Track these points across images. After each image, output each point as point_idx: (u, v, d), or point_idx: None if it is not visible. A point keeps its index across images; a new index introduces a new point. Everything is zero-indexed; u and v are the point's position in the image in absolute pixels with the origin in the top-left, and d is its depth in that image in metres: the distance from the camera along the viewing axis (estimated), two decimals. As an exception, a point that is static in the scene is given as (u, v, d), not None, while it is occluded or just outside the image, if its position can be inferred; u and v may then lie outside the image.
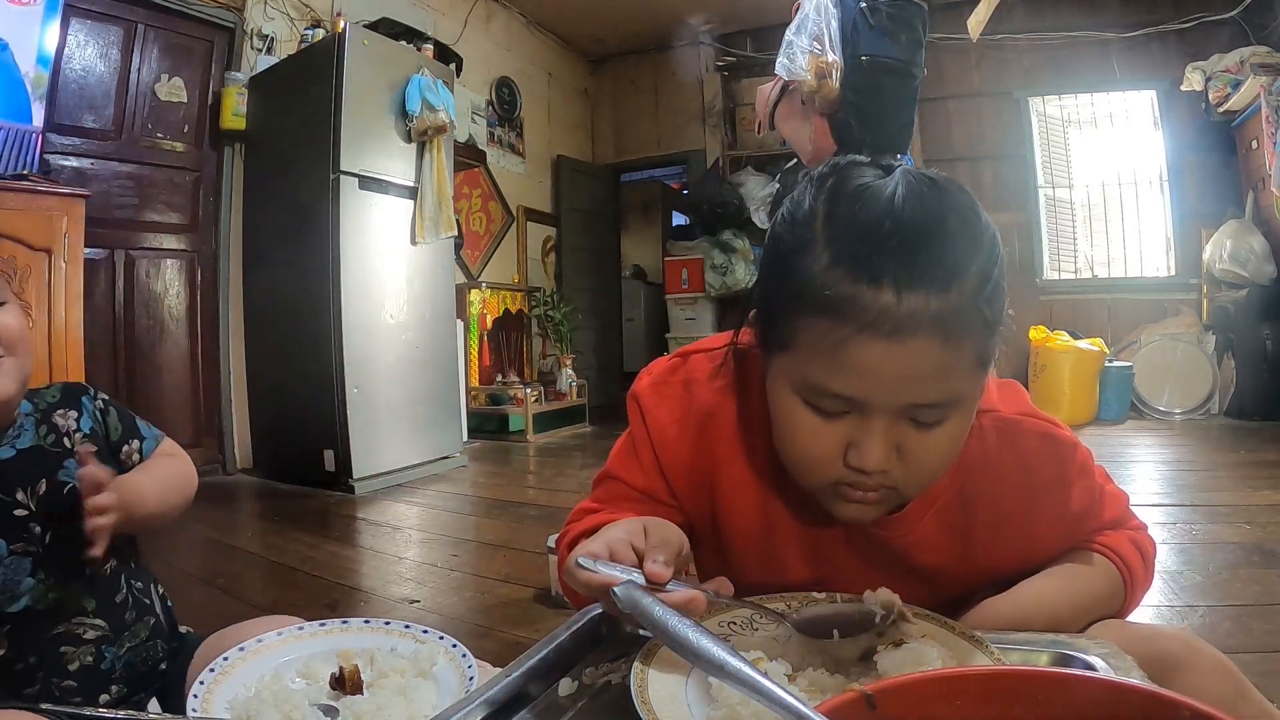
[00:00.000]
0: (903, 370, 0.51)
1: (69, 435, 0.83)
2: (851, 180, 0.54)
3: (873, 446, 0.53)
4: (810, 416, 0.55)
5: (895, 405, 0.53)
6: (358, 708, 0.56)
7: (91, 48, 3.05)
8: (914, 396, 0.52)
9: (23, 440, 0.79)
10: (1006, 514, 0.64)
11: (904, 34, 2.28)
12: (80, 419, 0.84)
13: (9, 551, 0.72)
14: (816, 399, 0.54)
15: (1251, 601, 1.64)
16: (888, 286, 0.49)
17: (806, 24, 2.26)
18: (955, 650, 0.50)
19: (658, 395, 0.69)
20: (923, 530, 0.65)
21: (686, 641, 0.44)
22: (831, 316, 0.51)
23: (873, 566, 0.67)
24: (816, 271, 0.52)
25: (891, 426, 0.53)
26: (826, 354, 0.52)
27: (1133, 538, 0.69)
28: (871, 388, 0.52)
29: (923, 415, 0.53)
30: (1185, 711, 0.29)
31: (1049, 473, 0.64)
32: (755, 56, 5.64)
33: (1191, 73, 4.43)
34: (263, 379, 3.50)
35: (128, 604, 0.81)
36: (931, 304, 0.49)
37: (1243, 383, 4.30)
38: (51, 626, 0.74)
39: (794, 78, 2.28)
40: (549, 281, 5.86)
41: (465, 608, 1.86)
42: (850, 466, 0.55)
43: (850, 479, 0.56)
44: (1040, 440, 0.65)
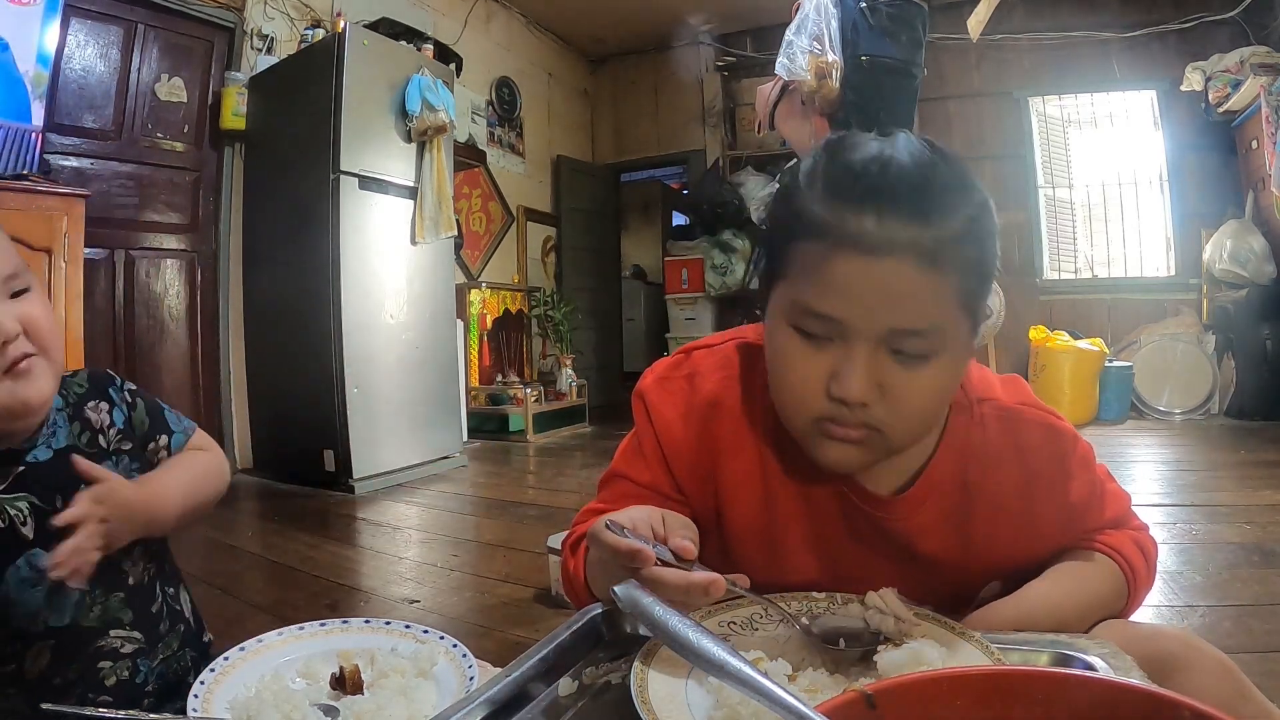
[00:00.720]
0: (879, 288, 0.54)
1: (104, 432, 0.77)
2: (852, 137, 0.60)
3: (853, 374, 0.55)
4: (798, 345, 0.58)
5: (874, 328, 0.55)
6: (358, 708, 0.56)
7: (91, 48, 3.05)
8: (892, 320, 0.54)
9: (58, 440, 0.74)
10: (1006, 502, 0.65)
11: (904, 34, 2.28)
12: (112, 411, 0.79)
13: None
14: (804, 322, 0.57)
15: (1251, 601, 1.64)
16: (869, 211, 0.53)
17: (806, 24, 2.26)
18: (955, 650, 0.50)
19: (662, 390, 0.70)
20: (925, 516, 0.65)
21: (686, 641, 0.44)
22: (818, 238, 0.55)
23: (875, 556, 0.67)
24: (810, 202, 0.57)
25: (874, 358, 0.55)
26: (813, 272, 0.56)
27: (1135, 538, 0.69)
28: (851, 306, 0.55)
29: (904, 345, 0.55)
30: (1185, 711, 0.29)
31: (1049, 462, 0.65)
32: (755, 56, 5.64)
33: (1191, 73, 4.43)
34: (263, 379, 3.50)
35: (162, 613, 0.78)
36: (909, 230, 0.53)
37: (1243, 383, 4.30)
38: (92, 642, 0.71)
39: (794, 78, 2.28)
40: (549, 281, 5.86)
41: (465, 608, 1.86)
42: (833, 398, 0.56)
43: (832, 412, 0.57)
44: (1041, 430, 0.65)
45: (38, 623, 0.68)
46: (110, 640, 0.72)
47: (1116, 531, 0.69)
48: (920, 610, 0.56)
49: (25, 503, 0.69)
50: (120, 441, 0.78)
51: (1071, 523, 0.67)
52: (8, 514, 0.67)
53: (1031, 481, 0.65)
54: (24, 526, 0.68)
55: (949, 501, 0.65)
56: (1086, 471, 0.67)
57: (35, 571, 0.67)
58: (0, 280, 0.68)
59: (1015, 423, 0.65)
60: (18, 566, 0.67)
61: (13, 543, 0.67)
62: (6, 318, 0.66)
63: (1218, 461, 3.28)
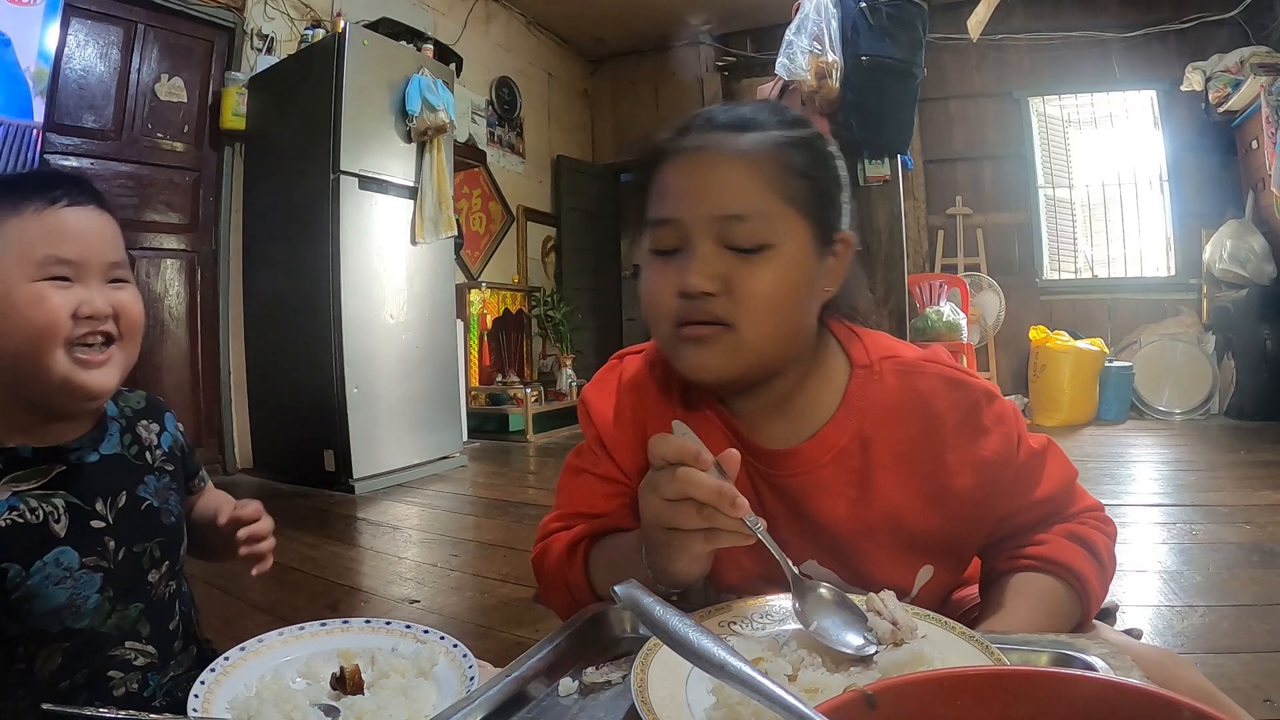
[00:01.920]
0: (700, 178, 0.62)
1: (151, 449, 0.80)
2: None
3: (693, 266, 0.60)
4: (655, 263, 0.64)
5: (703, 219, 0.61)
6: (358, 707, 0.56)
7: (91, 47, 3.05)
8: (716, 206, 0.61)
9: (107, 446, 0.75)
10: (908, 458, 0.65)
11: (904, 34, 2.28)
12: (162, 435, 0.82)
13: (80, 564, 0.69)
14: (655, 239, 0.64)
15: (1251, 601, 1.64)
16: (693, 129, 0.65)
17: (806, 24, 2.26)
18: (955, 650, 0.50)
19: (597, 390, 0.77)
20: (824, 474, 0.66)
21: (686, 641, 0.44)
22: (656, 164, 0.65)
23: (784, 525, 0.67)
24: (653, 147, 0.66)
25: (713, 253, 0.61)
26: (653, 192, 0.65)
27: (1077, 532, 0.66)
28: (680, 202, 0.62)
29: (736, 235, 0.60)
30: (1185, 711, 0.29)
31: (953, 414, 0.65)
32: (755, 56, 5.64)
33: (1191, 73, 4.43)
34: (263, 379, 3.50)
35: (178, 631, 0.79)
36: (726, 138, 0.63)
37: (1243, 383, 4.30)
38: (106, 649, 0.71)
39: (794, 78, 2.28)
40: (549, 281, 5.86)
41: (465, 608, 1.86)
42: (681, 295, 0.61)
43: (683, 310, 0.61)
44: (943, 383, 0.66)
45: (57, 622, 0.68)
46: (124, 651, 0.72)
47: (1055, 532, 0.66)
48: (920, 610, 0.56)
49: (61, 500, 0.69)
50: (164, 462, 0.81)
51: (993, 487, 0.64)
52: (42, 510, 0.68)
53: (933, 434, 0.64)
54: (56, 524, 0.68)
55: (850, 460, 0.65)
56: (1004, 427, 0.65)
57: (62, 570, 0.68)
58: (104, 266, 0.70)
59: (915, 376, 0.66)
60: (45, 563, 0.67)
61: (44, 538, 0.68)
62: (101, 298, 0.69)
63: (1217, 461, 3.28)
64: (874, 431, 0.65)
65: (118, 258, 0.72)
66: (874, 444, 0.65)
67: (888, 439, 0.65)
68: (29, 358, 0.66)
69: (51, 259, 0.66)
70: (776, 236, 0.61)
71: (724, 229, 0.60)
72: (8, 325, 0.65)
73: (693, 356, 0.63)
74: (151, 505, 0.77)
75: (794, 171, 0.62)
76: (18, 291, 0.65)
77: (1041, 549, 0.65)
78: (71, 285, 0.67)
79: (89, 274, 0.69)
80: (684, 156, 0.63)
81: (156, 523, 0.77)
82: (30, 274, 0.66)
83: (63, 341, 0.66)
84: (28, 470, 0.69)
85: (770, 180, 0.61)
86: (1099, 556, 0.65)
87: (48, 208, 0.67)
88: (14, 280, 0.65)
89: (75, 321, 0.67)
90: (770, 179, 0.61)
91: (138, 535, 0.74)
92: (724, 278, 0.60)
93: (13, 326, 0.65)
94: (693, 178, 0.62)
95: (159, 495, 0.78)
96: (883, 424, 0.65)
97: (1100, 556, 0.65)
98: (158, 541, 0.76)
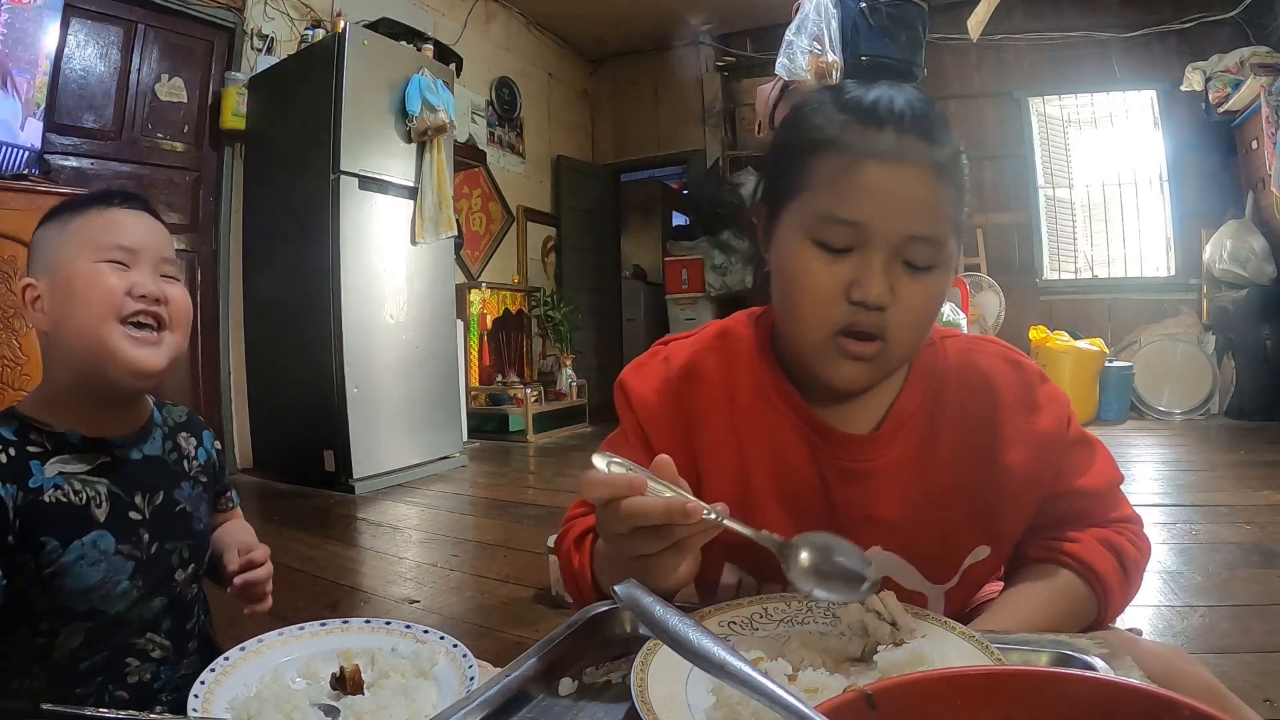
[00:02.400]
0: (901, 193, 0.58)
1: (188, 459, 0.86)
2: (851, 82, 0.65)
3: (874, 279, 0.58)
4: (818, 257, 0.60)
5: (893, 234, 0.59)
6: (358, 707, 0.56)
7: (91, 48, 3.05)
8: (909, 225, 0.58)
9: (150, 447, 0.81)
10: (966, 424, 0.66)
11: (904, 34, 2.28)
12: (199, 450, 0.88)
13: (115, 550, 0.73)
14: (826, 231, 0.60)
15: (1251, 601, 1.64)
16: (889, 127, 0.59)
17: (806, 24, 2.26)
18: (955, 650, 0.50)
19: (639, 374, 0.73)
20: (894, 453, 0.66)
21: (686, 641, 0.44)
22: (843, 150, 0.60)
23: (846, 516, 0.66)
24: (832, 122, 0.61)
25: (889, 265, 0.59)
26: (837, 182, 0.60)
27: (1111, 539, 0.66)
28: (875, 210, 0.59)
29: (915, 254, 0.59)
30: (1185, 711, 0.29)
31: (1012, 391, 0.66)
32: (755, 56, 5.64)
33: (1191, 73, 4.43)
34: (263, 379, 3.50)
35: (194, 632, 0.83)
36: (921, 146, 0.59)
37: (1243, 383, 4.30)
38: (127, 636, 0.75)
39: (794, 78, 2.28)
40: (549, 281, 5.86)
41: (465, 608, 1.86)
42: (853, 302, 0.59)
43: (851, 318, 0.60)
44: (1004, 362, 0.68)
45: (85, 601, 0.71)
46: (144, 642, 0.76)
47: (1089, 533, 0.66)
48: (920, 610, 0.56)
49: (105, 487, 0.74)
50: (199, 473, 0.86)
51: (1043, 463, 0.65)
52: (86, 494, 0.73)
53: (992, 408, 0.66)
54: (98, 508, 0.73)
55: (917, 436, 0.66)
56: (1055, 407, 0.66)
57: (99, 552, 0.72)
58: (157, 259, 0.78)
59: (976, 353, 0.69)
60: (83, 543, 0.71)
61: (85, 520, 0.72)
62: (153, 284, 0.76)
63: (1217, 461, 3.28)
64: (939, 403, 0.67)
65: (169, 255, 0.80)
66: (940, 414, 0.67)
67: (951, 410, 0.67)
68: (89, 330, 0.72)
69: (111, 245, 0.75)
70: (945, 258, 0.61)
71: (909, 246, 0.59)
72: (73, 300, 0.73)
73: (849, 370, 0.61)
74: (185, 510, 0.82)
75: (960, 191, 0.62)
76: (81, 271, 0.73)
77: (1074, 546, 0.65)
78: (128, 270, 0.75)
79: (143, 262, 0.76)
80: (886, 154, 0.59)
81: (188, 526, 0.82)
82: (92, 257, 0.74)
83: (117, 316, 0.73)
84: (75, 455, 0.74)
85: (951, 202, 0.61)
86: (1127, 569, 0.65)
87: (108, 208, 0.77)
88: (79, 264, 0.74)
89: (130, 300, 0.74)
90: (950, 201, 0.61)
91: (170, 534, 0.79)
92: (895, 291, 0.59)
93: (76, 300, 0.73)
94: (893, 186, 0.59)
95: (192, 502, 0.83)
96: (947, 395, 0.67)
97: (1129, 570, 0.65)
98: (187, 544, 0.81)
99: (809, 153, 0.62)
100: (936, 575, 0.68)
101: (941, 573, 0.68)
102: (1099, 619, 0.64)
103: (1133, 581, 0.66)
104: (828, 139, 0.61)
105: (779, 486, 0.68)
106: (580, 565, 0.68)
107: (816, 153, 0.61)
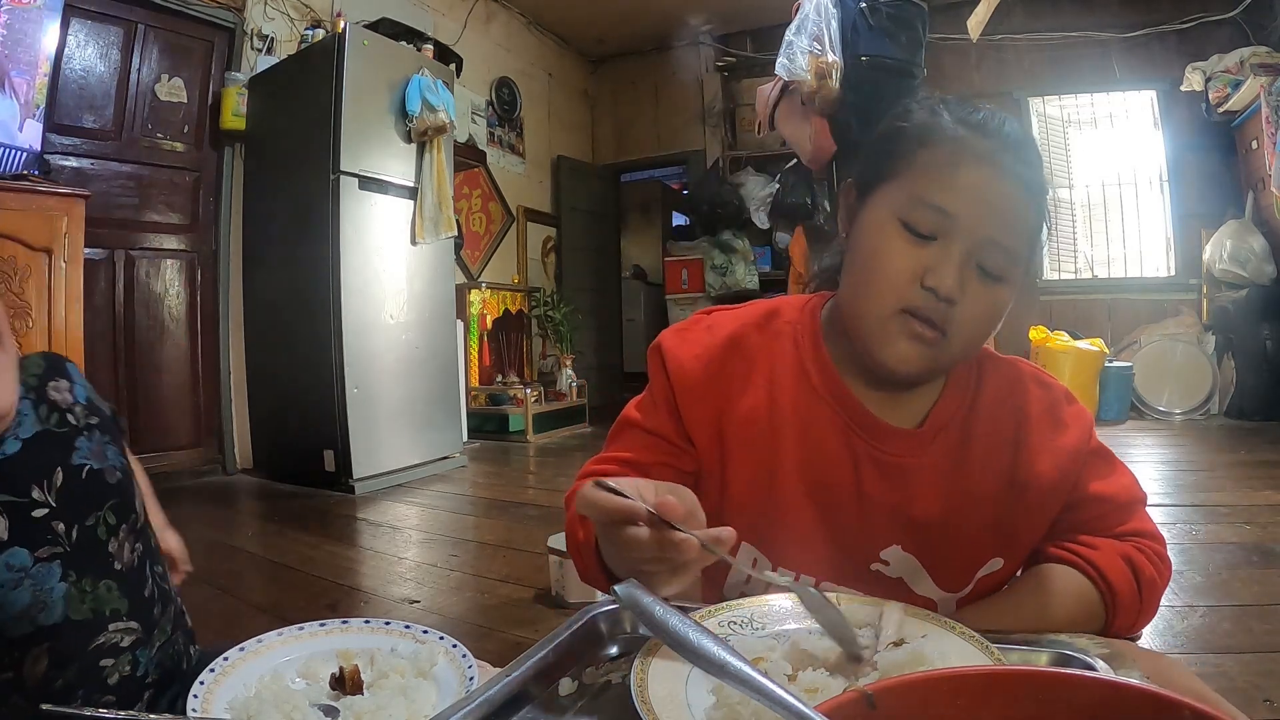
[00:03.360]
0: (990, 197, 0.61)
1: (71, 410, 0.73)
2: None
3: (950, 269, 0.61)
4: (903, 236, 0.63)
5: (977, 232, 0.61)
6: (358, 708, 0.56)
7: (91, 48, 3.05)
8: (993, 228, 0.61)
9: (25, 428, 0.69)
10: (996, 438, 0.68)
11: (904, 34, 2.28)
12: (74, 389, 0.75)
13: (34, 560, 0.65)
14: (916, 214, 0.62)
15: (1251, 601, 1.64)
16: (995, 140, 0.63)
17: (806, 24, 2.26)
18: (955, 650, 0.50)
19: (680, 338, 0.73)
20: (929, 455, 0.67)
21: (686, 641, 0.44)
22: (951, 145, 0.63)
23: (874, 509, 0.67)
24: (942, 123, 0.65)
25: (965, 262, 0.61)
26: (940, 170, 0.63)
27: (1129, 554, 0.65)
28: (968, 204, 0.61)
29: (990, 259, 0.61)
30: (1185, 711, 0.29)
31: (1038, 407, 0.69)
32: (755, 56, 5.64)
33: (1191, 73, 4.43)
34: (263, 379, 3.50)
35: (154, 596, 0.74)
36: (1019, 165, 0.62)
37: (1243, 383, 4.30)
38: (91, 638, 0.68)
39: (794, 78, 2.28)
40: (549, 281, 5.86)
41: (465, 608, 1.86)
42: (926, 287, 0.61)
43: (921, 302, 0.61)
44: (1033, 381, 0.71)
45: (28, 623, 0.65)
46: (110, 635, 0.70)
47: (1111, 544, 0.66)
48: (920, 610, 0.56)
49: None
50: (88, 417, 0.74)
51: (1065, 477, 0.67)
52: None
53: (1021, 424, 0.68)
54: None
55: (950, 442, 0.68)
56: (1080, 424, 0.68)
57: (15, 573, 0.64)
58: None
59: (1008, 369, 0.72)
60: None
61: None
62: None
63: (1218, 461, 3.28)
64: (973, 415, 0.69)
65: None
66: (973, 427, 0.68)
67: (984, 423, 0.68)
68: None
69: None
70: (1014, 273, 0.63)
71: (985, 248, 0.61)
72: None
73: (906, 348, 0.63)
74: (92, 468, 0.72)
75: (1039, 219, 0.65)
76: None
77: (1090, 552, 0.65)
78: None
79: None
80: (988, 159, 0.62)
81: (102, 485, 0.72)
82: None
83: None
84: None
85: (1032, 223, 0.64)
86: (1142, 589, 0.64)
87: None
88: None
89: None
90: (1031, 222, 0.63)
91: (86, 507, 0.70)
92: (965, 289, 0.61)
93: None
94: (988, 188, 0.62)
95: (95, 455, 0.73)
96: (980, 408, 0.69)
97: (1143, 590, 0.65)
98: (110, 506, 0.72)
99: (916, 141, 0.65)
100: (950, 583, 0.68)
101: (955, 581, 0.68)
102: (1105, 628, 0.63)
103: (1145, 603, 0.65)
104: (938, 133, 0.64)
105: (808, 474, 0.68)
106: (586, 538, 0.66)
107: (924, 144, 0.64)
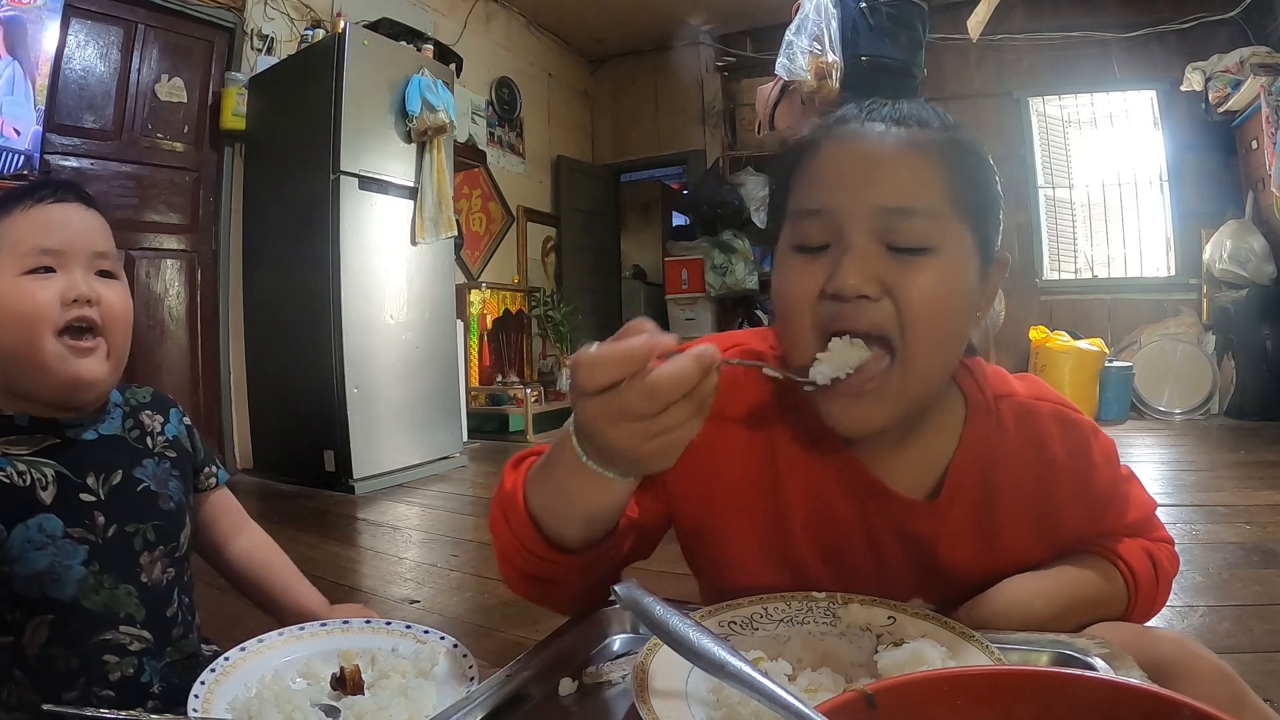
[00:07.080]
0: (865, 167, 0.55)
1: (153, 436, 0.81)
2: None
3: (848, 263, 0.53)
4: (798, 263, 0.57)
5: (864, 210, 0.54)
6: (359, 708, 0.56)
7: (91, 48, 3.04)
8: (879, 195, 0.54)
9: (106, 427, 0.77)
10: (1028, 500, 0.63)
11: (904, 34, 2.28)
12: (165, 426, 0.84)
13: (64, 533, 0.70)
14: (802, 232, 0.57)
15: (1251, 601, 1.64)
16: (853, 122, 0.58)
17: (806, 24, 2.26)
18: (955, 650, 0.50)
19: None
20: (952, 522, 0.62)
21: (686, 641, 0.44)
22: (817, 149, 0.58)
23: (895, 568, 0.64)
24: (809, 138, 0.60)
25: (872, 251, 0.54)
26: (799, 181, 0.58)
27: (1148, 548, 0.67)
28: (838, 190, 0.55)
29: (898, 232, 0.54)
30: (1186, 711, 0.29)
31: (1068, 455, 0.63)
32: (755, 56, 5.64)
33: (1191, 73, 4.43)
34: (263, 379, 3.49)
35: (176, 619, 0.78)
36: (893, 128, 0.56)
37: (1243, 383, 4.30)
38: (98, 631, 0.71)
39: (794, 78, 2.28)
40: (549, 281, 5.86)
41: (465, 608, 1.86)
42: (828, 295, 0.54)
43: (832, 313, 0.54)
44: (1057, 423, 0.64)
45: (36, 587, 0.69)
46: (119, 635, 0.72)
47: (1131, 540, 0.67)
48: (919, 610, 0.56)
49: (51, 469, 0.71)
50: (165, 449, 0.82)
51: (1096, 518, 0.65)
52: (30, 475, 0.70)
53: (1051, 476, 0.63)
54: (43, 490, 0.70)
55: (972, 502, 0.63)
56: (1109, 466, 0.65)
57: (44, 535, 0.69)
58: (89, 256, 0.73)
59: (1032, 418, 0.64)
60: (27, 526, 0.68)
61: (29, 502, 0.69)
62: (85, 284, 0.71)
63: (1218, 461, 3.28)
64: (995, 475, 0.62)
65: (104, 249, 0.75)
66: (996, 488, 0.63)
67: (1008, 482, 0.63)
68: (24, 349, 0.69)
69: (36, 249, 0.70)
70: (943, 240, 0.54)
71: (887, 224, 0.54)
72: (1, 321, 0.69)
73: (846, 410, 0.55)
74: (149, 488, 0.77)
75: (963, 175, 0.56)
76: (6, 289, 0.69)
77: (1114, 544, 0.66)
78: (55, 276, 0.70)
79: (73, 262, 0.72)
80: (843, 142, 0.56)
81: (153, 506, 0.77)
82: (17, 268, 0.69)
83: (53, 329, 0.69)
84: (21, 437, 0.71)
85: (941, 178, 0.55)
86: (1159, 576, 0.66)
87: (34, 205, 0.72)
88: (3, 280, 0.69)
89: (64, 308, 0.70)
90: (941, 176, 0.55)
91: (131, 515, 0.75)
92: (883, 280, 0.53)
93: (5, 321, 0.69)
94: (854, 164, 0.55)
95: (157, 480, 0.79)
96: (1004, 468, 0.63)
97: (1160, 578, 0.67)
98: (153, 525, 0.77)
99: (790, 169, 0.60)
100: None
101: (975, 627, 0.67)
102: (1127, 613, 0.65)
103: (1161, 589, 0.67)
104: (807, 149, 0.59)
105: (820, 539, 0.64)
106: (513, 486, 0.58)
107: (796, 166, 0.59)
